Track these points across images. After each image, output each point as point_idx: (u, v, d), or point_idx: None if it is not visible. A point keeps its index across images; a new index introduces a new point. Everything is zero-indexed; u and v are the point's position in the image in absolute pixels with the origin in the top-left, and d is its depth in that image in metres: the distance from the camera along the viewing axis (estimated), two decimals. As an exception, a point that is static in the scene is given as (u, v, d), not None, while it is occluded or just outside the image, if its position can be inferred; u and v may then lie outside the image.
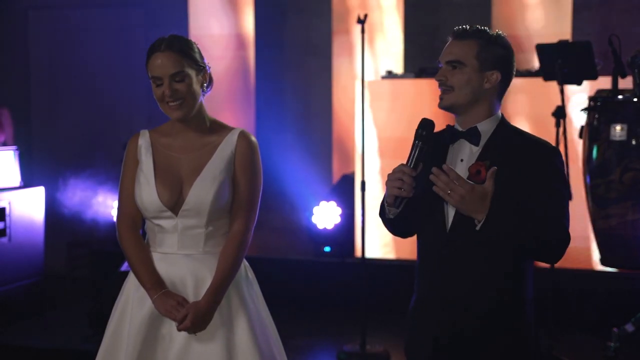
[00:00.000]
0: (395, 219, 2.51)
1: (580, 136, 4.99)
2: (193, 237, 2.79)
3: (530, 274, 2.50)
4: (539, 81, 5.51)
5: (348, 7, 7.24)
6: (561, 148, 4.83)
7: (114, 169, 7.17)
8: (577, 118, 5.47)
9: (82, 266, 7.17)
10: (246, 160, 2.81)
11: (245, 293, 2.83)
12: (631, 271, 5.39)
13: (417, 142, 2.43)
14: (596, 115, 4.79)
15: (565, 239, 2.40)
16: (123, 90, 7.52)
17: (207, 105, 2.89)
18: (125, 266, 5.08)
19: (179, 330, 2.71)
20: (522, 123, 6.25)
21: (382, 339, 5.41)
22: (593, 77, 5.05)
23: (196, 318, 2.70)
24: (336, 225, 6.35)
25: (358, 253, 6.25)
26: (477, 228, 2.35)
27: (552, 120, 4.90)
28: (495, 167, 2.35)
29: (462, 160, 2.49)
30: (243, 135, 2.83)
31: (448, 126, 2.55)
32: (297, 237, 7.01)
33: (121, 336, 2.79)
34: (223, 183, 2.77)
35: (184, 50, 2.75)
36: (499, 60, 2.48)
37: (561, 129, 4.86)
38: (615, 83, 4.78)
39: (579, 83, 5.07)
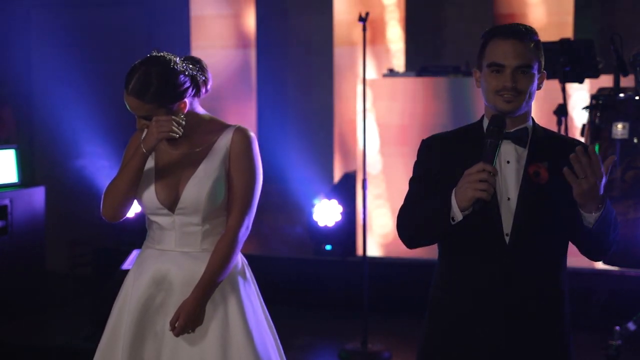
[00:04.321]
0: (455, 224, 2.32)
1: (582, 134, 4.98)
2: (190, 234, 2.78)
3: (567, 277, 2.49)
4: (540, 79, 5.51)
5: (349, 5, 7.23)
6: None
7: (114, 168, 7.19)
8: (579, 116, 5.46)
9: (83, 264, 7.17)
10: (241, 156, 2.79)
11: (242, 291, 2.81)
12: (633, 270, 5.39)
13: (492, 140, 2.31)
14: (598, 114, 4.77)
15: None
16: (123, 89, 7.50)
17: (208, 104, 2.89)
18: (126, 264, 5.08)
19: (176, 335, 2.70)
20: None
21: (383, 337, 5.41)
22: (595, 75, 5.04)
23: (188, 316, 2.69)
24: (337, 223, 6.35)
25: (359, 251, 6.24)
26: (591, 226, 2.29)
27: (554, 119, 4.90)
28: (613, 157, 2.32)
29: (508, 162, 2.39)
30: (239, 131, 2.81)
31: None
32: (298, 235, 7.01)
33: (119, 333, 2.78)
34: (218, 180, 2.76)
35: (151, 98, 2.68)
36: (544, 60, 2.44)
37: (563, 127, 4.85)
38: (617, 81, 4.77)
39: (581, 81, 5.06)
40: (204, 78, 2.81)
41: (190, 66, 2.78)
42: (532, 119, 2.47)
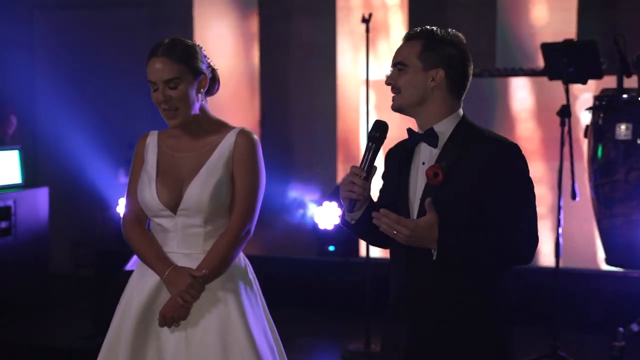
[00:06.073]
0: (357, 226, 2.49)
1: (586, 135, 4.98)
2: (192, 236, 2.78)
3: (499, 273, 2.43)
4: (543, 80, 5.51)
5: (352, 6, 7.23)
6: (566, 147, 4.83)
7: (117, 169, 7.19)
8: (582, 117, 5.45)
9: (87, 265, 7.18)
10: (244, 158, 2.79)
11: (243, 292, 2.80)
12: (636, 271, 5.38)
13: (370, 144, 2.44)
14: (601, 115, 4.77)
15: (531, 245, 2.36)
16: (127, 89, 7.53)
17: (211, 105, 2.89)
18: (129, 265, 5.08)
19: (160, 325, 2.72)
20: (527, 122, 6.24)
21: (386, 338, 5.39)
22: (598, 76, 5.03)
23: (171, 308, 2.70)
24: (336, 226, 6.35)
25: (362, 252, 6.24)
26: (434, 258, 2.31)
27: (557, 120, 4.89)
28: (430, 198, 2.32)
29: (423, 163, 2.46)
30: (242, 133, 2.82)
31: (408, 130, 2.53)
32: (301, 236, 7.01)
33: (122, 335, 2.78)
34: (220, 182, 2.76)
35: (180, 57, 2.74)
36: (444, 58, 2.44)
37: (566, 128, 4.85)
38: (620, 82, 4.77)
39: (584, 82, 5.06)
40: (217, 77, 2.89)
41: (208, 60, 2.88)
42: (462, 115, 2.48)
